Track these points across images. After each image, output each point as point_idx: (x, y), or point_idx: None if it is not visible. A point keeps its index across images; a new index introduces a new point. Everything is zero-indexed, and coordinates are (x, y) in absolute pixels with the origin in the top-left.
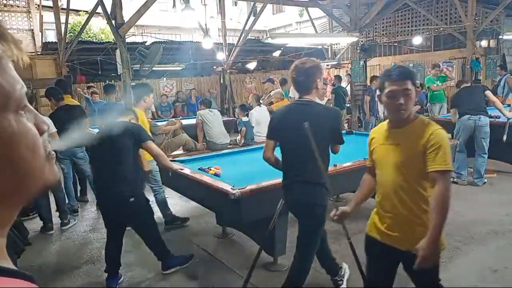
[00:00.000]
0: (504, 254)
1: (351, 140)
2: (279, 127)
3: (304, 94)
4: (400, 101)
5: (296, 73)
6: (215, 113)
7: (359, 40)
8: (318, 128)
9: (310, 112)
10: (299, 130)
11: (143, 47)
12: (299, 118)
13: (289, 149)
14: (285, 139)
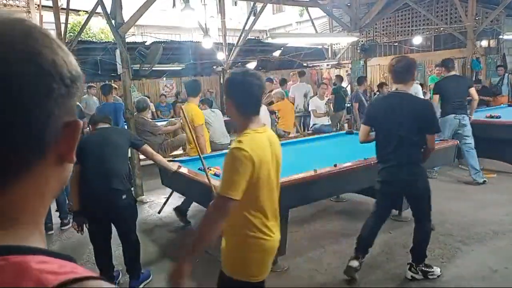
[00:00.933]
0: (504, 254)
1: (351, 140)
2: (377, 114)
3: (401, 84)
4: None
5: (398, 65)
6: (217, 113)
7: (359, 40)
8: (413, 115)
9: (406, 100)
10: (397, 116)
11: (143, 47)
12: (397, 106)
13: (387, 134)
14: (383, 125)
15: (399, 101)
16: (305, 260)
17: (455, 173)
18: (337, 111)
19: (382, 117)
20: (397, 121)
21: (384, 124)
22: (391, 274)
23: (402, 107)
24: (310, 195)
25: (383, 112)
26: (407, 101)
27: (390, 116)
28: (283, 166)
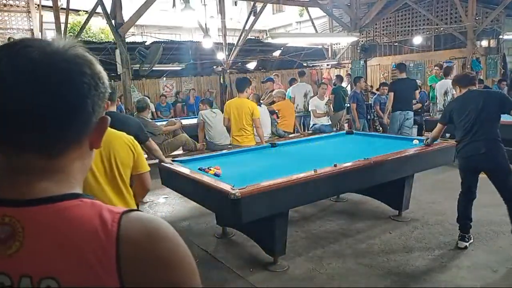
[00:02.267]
0: (504, 254)
1: (351, 140)
2: (457, 108)
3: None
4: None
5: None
6: (217, 113)
7: (359, 40)
8: (492, 100)
9: (483, 92)
10: (477, 103)
11: (143, 47)
12: (476, 97)
13: (468, 120)
14: (464, 113)
15: (477, 93)
16: (305, 260)
17: (455, 173)
18: (337, 111)
19: (463, 108)
20: (477, 107)
21: (465, 113)
22: (391, 274)
23: (482, 96)
24: (310, 195)
25: (464, 104)
26: (485, 92)
27: (471, 105)
28: (283, 166)
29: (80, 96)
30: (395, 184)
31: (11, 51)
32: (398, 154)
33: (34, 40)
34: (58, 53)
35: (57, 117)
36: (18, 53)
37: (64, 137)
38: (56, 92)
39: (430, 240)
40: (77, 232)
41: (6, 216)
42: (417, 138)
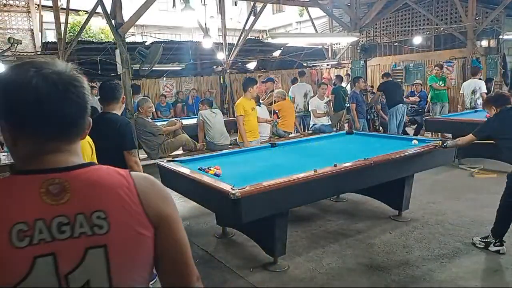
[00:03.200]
0: (505, 254)
1: (351, 140)
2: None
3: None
4: None
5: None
6: (217, 114)
7: (359, 40)
8: None
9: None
10: None
11: (143, 47)
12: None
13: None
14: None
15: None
16: (305, 260)
17: (455, 173)
18: (337, 111)
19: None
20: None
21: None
22: (391, 274)
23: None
24: (310, 195)
25: (505, 123)
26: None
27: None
28: (283, 166)
29: (86, 101)
30: (395, 184)
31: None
32: (398, 154)
33: (46, 62)
34: (65, 73)
35: (81, 117)
36: (42, 73)
37: (78, 130)
38: (78, 101)
39: (430, 240)
40: (108, 180)
41: (56, 178)
42: (416, 139)
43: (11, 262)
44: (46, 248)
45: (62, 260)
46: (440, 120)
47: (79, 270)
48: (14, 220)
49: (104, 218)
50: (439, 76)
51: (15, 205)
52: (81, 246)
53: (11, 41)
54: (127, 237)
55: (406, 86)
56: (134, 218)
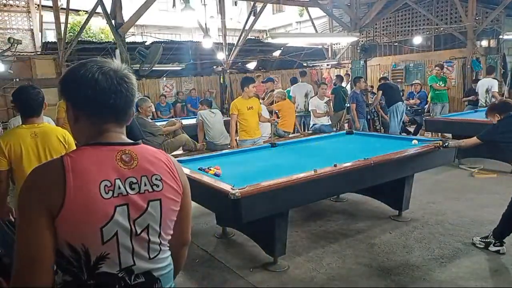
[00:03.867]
0: (504, 254)
1: (351, 140)
2: (508, 133)
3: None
4: None
5: (501, 103)
6: (216, 114)
7: (359, 40)
8: None
9: None
10: None
11: (143, 47)
12: None
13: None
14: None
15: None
16: (305, 260)
17: (455, 173)
18: (337, 111)
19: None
20: None
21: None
22: (391, 274)
23: None
24: (310, 195)
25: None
26: None
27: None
28: (283, 166)
29: (134, 95)
30: (395, 184)
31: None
32: (398, 154)
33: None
34: (120, 70)
35: (129, 107)
36: (103, 70)
37: (126, 117)
38: (128, 95)
39: (430, 240)
40: (157, 154)
41: (126, 150)
42: (416, 138)
43: (101, 209)
44: (122, 200)
45: (132, 209)
46: (440, 120)
47: (143, 216)
48: (102, 178)
49: (160, 179)
50: (440, 76)
51: (101, 167)
52: (145, 199)
53: (11, 41)
54: (171, 193)
55: (406, 86)
56: (175, 182)
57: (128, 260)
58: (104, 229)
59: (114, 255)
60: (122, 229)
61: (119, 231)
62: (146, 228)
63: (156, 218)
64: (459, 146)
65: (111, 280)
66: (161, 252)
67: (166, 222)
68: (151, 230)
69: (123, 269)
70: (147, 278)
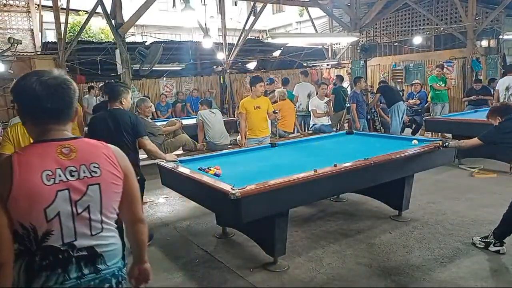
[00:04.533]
0: (504, 254)
1: (351, 140)
2: (509, 134)
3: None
4: None
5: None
6: (216, 114)
7: (359, 40)
8: None
9: None
10: None
11: (143, 47)
12: None
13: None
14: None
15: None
16: (305, 260)
17: (455, 173)
18: (337, 111)
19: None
20: None
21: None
22: (391, 274)
23: None
24: (310, 195)
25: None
26: None
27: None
28: (283, 166)
29: (72, 97)
30: (395, 184)
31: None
32: (398, 154)
33: (43, 71)
34: (59, 77)
35: (68, 109)
36: (41, 80)
37: (69, 116)
38: (65, 99)
39: (430, 240)
40: (96, 146)
41: (66, 144)
42: (416, 139)
43: (43, 194)
44: (63, 185)
45: (73, 192)
46: (440, 120)
47: (84, 199)
48: (43, 168)
49: (98, 167)
50: (440, 77)
51: (43, 159)
52: (85, 184)
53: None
54: (111, 178)
55: (406, 86)
56: (114, 168)
57: (70, 236)
58: (48, 210)
59: (58, 232)
60: (64, 210)
61: (61, 211)
62: (86, 208)
63: (95, 199)
64: (460, 146)
65: (55, 252)
66: (104, 231)
67: (108, 203)
68: (92, 209)
69: (66, 244)
70: (89, 252)
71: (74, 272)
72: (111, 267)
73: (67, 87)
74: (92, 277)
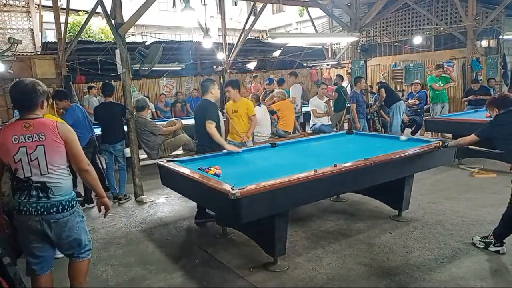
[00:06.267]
0: (505, 254)
1: (351, 140)
2: (506, 130)
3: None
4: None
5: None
6: None
7: (359, 40)
8: None
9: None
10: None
11: (143, 47)
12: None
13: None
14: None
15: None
16: (305, 260)
17: (455, 173)
18: (337, 111)
19: (508, 129)
20: None
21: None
22: (391, 274)
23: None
24: (310, 195)
25: (508, 125)
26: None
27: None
28: (283, 166)
29: (38, 95)
30: (395, 184)
31: (17, 84)
32: (398, 154)
33: (24, 79)
34: (29, 84)
35: (30, 103)
36: (19, 85)
37: (32, 107)
38: (31, 96)
39: (430, 240)
40: (46, 124)
41: (27, 122)
42: (406, 136)
43: (11, 148)
44: (23, 144)
45: (28, 148)
46: (440, 120)
47: (34, 152)
48: (12, 134)
49: (44, 135)
50: (439, 76)
51: (14, 130)
52: (35, 144)
53: (11, 41)
54: (52, 142)
55: (406, 86)
56: (55, 136)
57: (27, 173)
58: (14, 156)
59: (21, 169)
60: (23, 158)
61: (22, 158)
62: (36, 158)
63: (41, 153)
64: (459, 144)
65: (20, 181)
66: (50, 173)
67: (51, 156)
68: (40, 159)
69: (26, 177)
70: (41, 185)
71: (34, 196)
72: (58, 197)
73: (33, 89)
74: (45, 201)
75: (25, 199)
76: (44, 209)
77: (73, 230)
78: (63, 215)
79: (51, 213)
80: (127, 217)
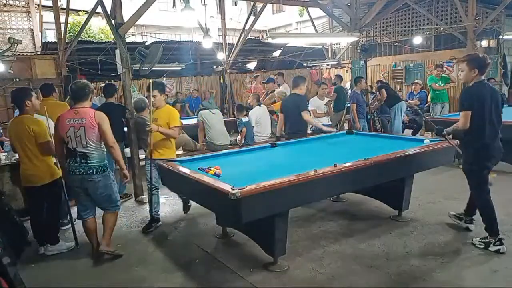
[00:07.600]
0: (505, 254)
1: (351, 140)
2: (483, 99)
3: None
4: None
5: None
6: (216, 114)
7: (359, 40)
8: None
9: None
10: (495, 98)
11: (143, 47)
12: (492, 91)
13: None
14: (489, 106)
15: (489, 87)
16: (305, 260)
17: (455, 173)
18: (337, 111)
19: (484, 99)
20: (495, 102)
21: (487, 105)
22: (391, 274)
23: (493, 91)
24: (310, 195)
25: (484, 94)
26: (492, 88)
27: (488, 97)
28: (283, 166)
29: (87, 92)
30: (395, 184)
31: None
32: (398, 154)
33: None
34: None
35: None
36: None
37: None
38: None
39: (430, 240)
40: (87, 112)
41: (77, 109)
42: (427, 138)
43: (65, 127)
44: (71, 125)
45: (75, 128)
46: (440, 120)
47: (78, 131)
48: (67, 118)
49: (85, 119)
50: (439, 76)
51: (68, 114)
52: (79, 126)
53: (11, 41)
54: (89, 125)
55: (406, 86)
56: (92, 121)
57: (74, 145)
58: (66, 133)
59: (70, 143)
60: (71, 134)
61: (71, 135)
62: (80, 135)
63: (82, 133)
64: (456, 129)
65: (69, 150)
66: (89, 146)
67: (89, 135)
68: (82, 136)
69: (73, 148)
70: (83, 153)
71: (78, 161)
72: (93, 163)
73: (85, 88)
74: (84, 165)
75: (72, 162)
76: (84, 171)
77: (105, 188)
78: (97, 176)
79: (88, 174)
80: (127, 217)
